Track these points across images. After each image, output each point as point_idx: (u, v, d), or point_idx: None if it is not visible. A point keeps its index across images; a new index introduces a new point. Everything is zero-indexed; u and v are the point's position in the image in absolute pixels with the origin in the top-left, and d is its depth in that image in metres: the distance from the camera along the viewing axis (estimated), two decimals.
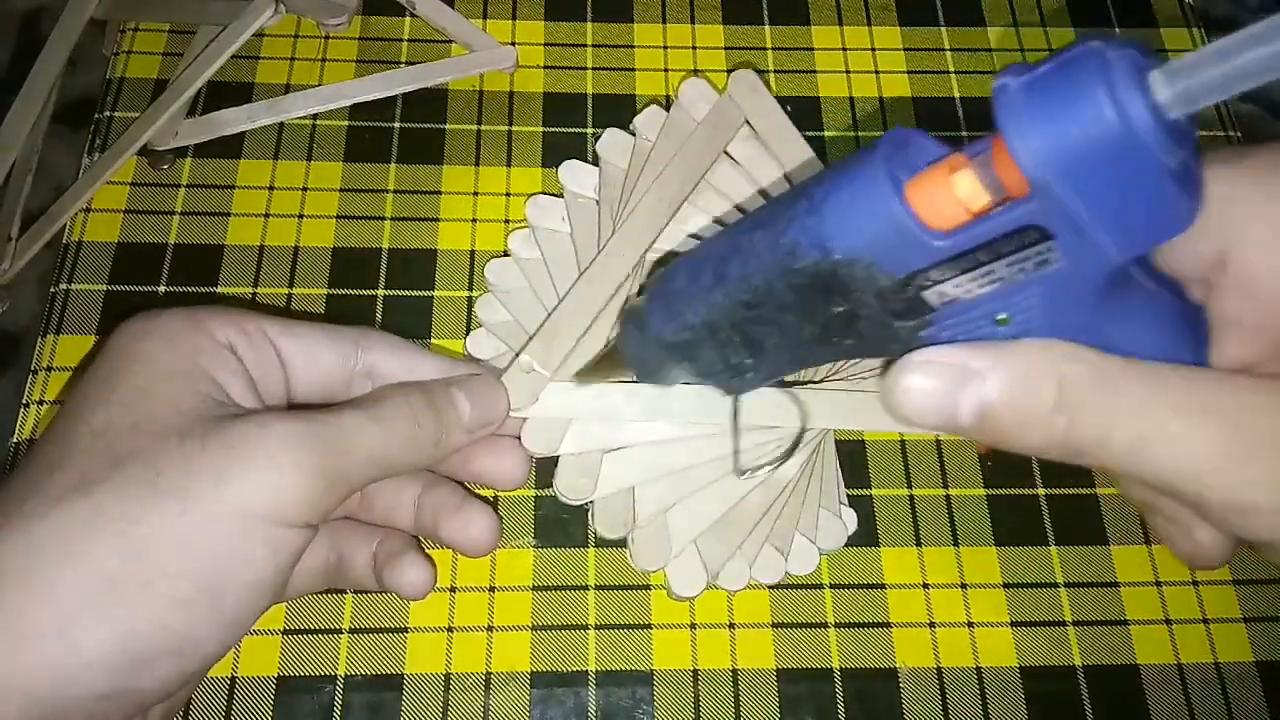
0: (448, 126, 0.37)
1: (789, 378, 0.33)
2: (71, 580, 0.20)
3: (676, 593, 0.29)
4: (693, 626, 0.30)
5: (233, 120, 0.37)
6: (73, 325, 0.33)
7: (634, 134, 0.35)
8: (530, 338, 0.30)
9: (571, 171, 0.34)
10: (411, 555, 0.27)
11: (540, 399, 0.29)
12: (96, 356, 0.24)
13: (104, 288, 0.34)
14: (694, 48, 0.40)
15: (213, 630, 0.22)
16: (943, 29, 0.41)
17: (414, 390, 0.26)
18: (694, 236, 0.33)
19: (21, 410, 0.32)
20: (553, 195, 0.35)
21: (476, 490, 0.30)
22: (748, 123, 0.34)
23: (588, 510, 0.31)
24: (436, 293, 0.34)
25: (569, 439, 0.29)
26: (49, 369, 0.32)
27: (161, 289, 0.34)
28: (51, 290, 0.34)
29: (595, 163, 0.35)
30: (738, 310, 0.21)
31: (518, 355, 0.29)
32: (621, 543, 0.29)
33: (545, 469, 0.30)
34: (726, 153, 0.34)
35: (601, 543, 0.31)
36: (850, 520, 0.31)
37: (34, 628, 0.20)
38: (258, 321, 0.25)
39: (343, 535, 0.27)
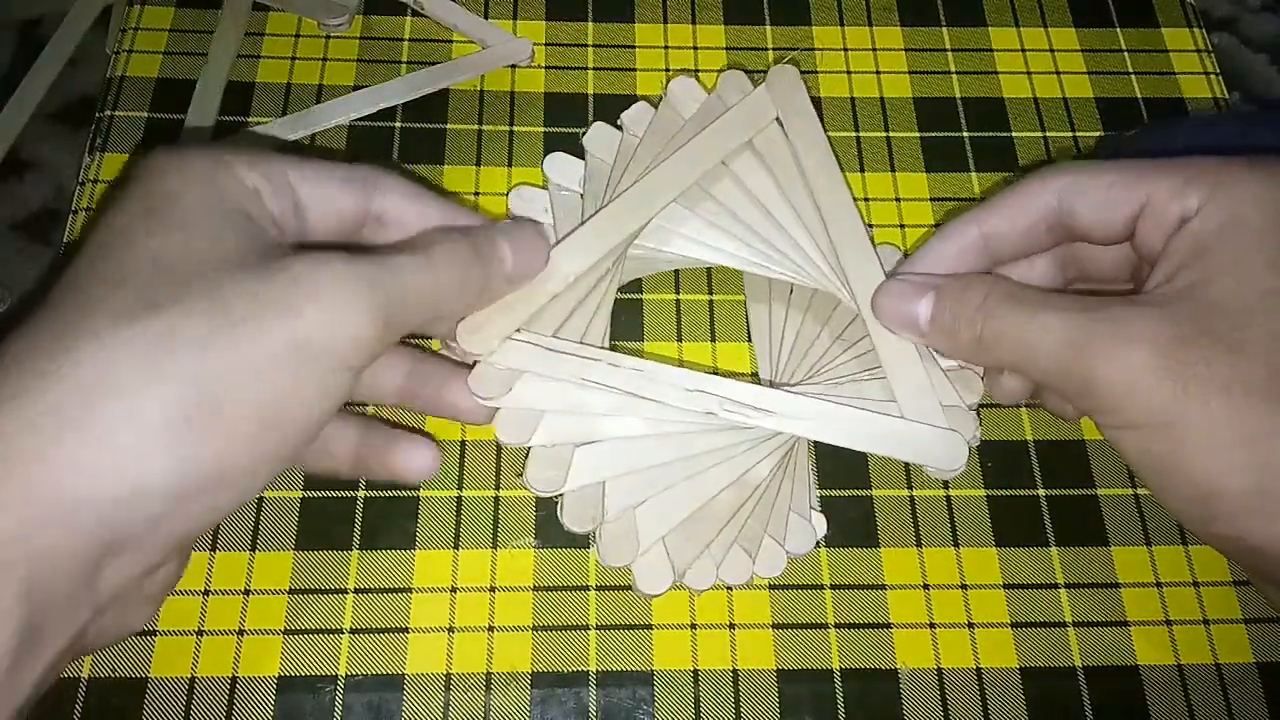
0: (449, 126, 0.37)
1: (765, 377, 0.33)
2: (152, 399, 0.20)
3: (641, 589, 0.29)
4: (693, 627, 0.30)
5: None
6: None
7: (621, 129, 0.35)
8: None
9: (557, 164, 0.34)
10: (413, 437, 0.27)
11: (514, 389, 0.29)
12: (124, 186, 0.23)
13: None
14: (695, 48, 0.40)
15: (264, 464, 0.22)
16: (944, 29, 0.41)
17: (461, 238, 0.26)
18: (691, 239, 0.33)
19: None
20: (537, 186, 0.34)
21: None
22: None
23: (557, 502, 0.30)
24: None
25: (541, 430, 0.29)
26: None
27: None
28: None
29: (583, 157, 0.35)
30: None
31: None
32: (588, 538, 0.29)
33: None
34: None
35: None
36: (820, 525, 0.30)
37: (118, 444, 0.19)
38: (277, 164, 0.25)
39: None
